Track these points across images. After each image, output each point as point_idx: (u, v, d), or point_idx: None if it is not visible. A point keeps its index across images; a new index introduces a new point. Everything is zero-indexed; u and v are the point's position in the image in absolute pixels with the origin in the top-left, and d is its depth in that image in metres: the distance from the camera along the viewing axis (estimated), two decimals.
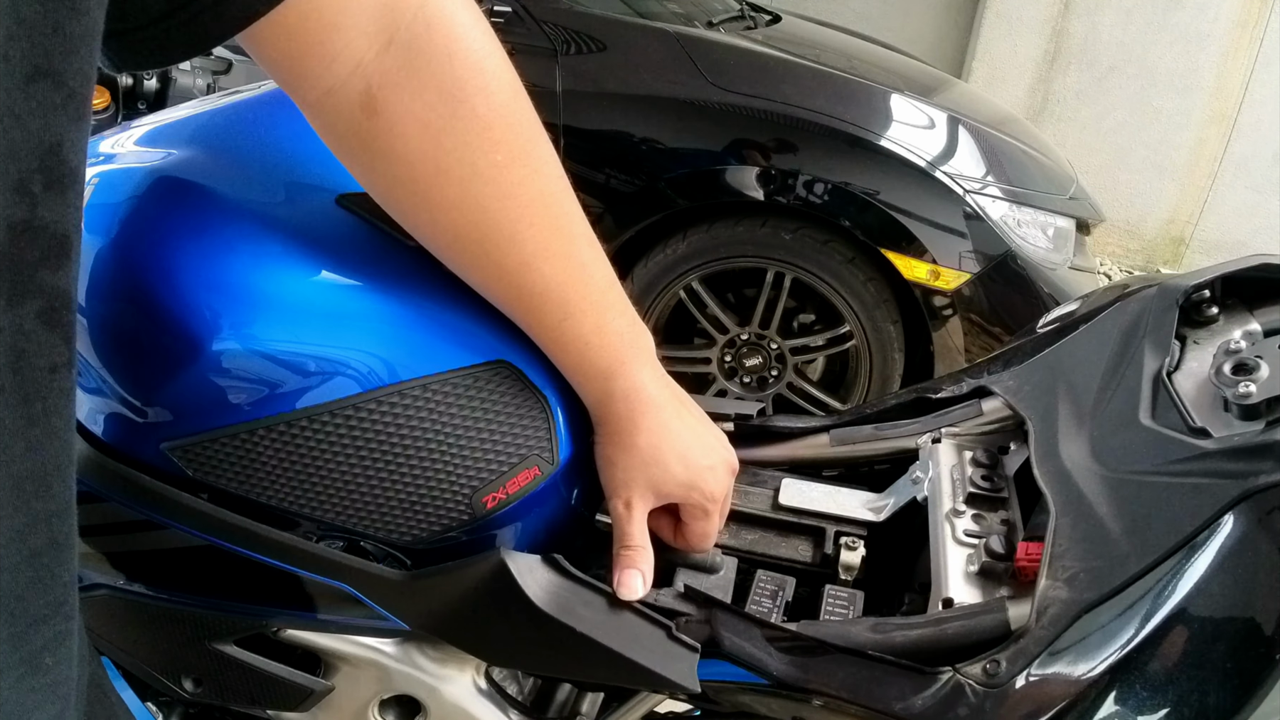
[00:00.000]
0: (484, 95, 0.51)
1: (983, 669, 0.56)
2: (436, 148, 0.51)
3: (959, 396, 0.81)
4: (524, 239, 0.54)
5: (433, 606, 0.63)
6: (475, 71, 0.51)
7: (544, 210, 0.55)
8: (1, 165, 0.33)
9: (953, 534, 0.68)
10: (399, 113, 0.50)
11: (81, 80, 0.35)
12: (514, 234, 0.54)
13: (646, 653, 0.61)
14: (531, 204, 0.54)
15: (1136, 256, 4.79)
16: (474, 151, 0.51)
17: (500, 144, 0.52)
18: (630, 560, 0.64)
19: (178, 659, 0.69)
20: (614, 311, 0.60)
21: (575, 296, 0.58)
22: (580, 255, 0.57)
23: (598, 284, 0.59)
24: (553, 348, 0.60)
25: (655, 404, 0.62)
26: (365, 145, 0.51)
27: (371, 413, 0.59)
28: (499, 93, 0.52)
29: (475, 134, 0.51)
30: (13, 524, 0.36)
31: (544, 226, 0.55)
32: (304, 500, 0.60)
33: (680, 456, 0.64)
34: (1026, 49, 4.69)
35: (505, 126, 0.52)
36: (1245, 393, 0.58)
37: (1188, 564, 0.52)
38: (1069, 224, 2.40)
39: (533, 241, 0.55)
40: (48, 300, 0.35)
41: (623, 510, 0.64)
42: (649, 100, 2.27)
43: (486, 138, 0.51)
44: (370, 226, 0.59)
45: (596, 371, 0.61)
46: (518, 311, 0.59)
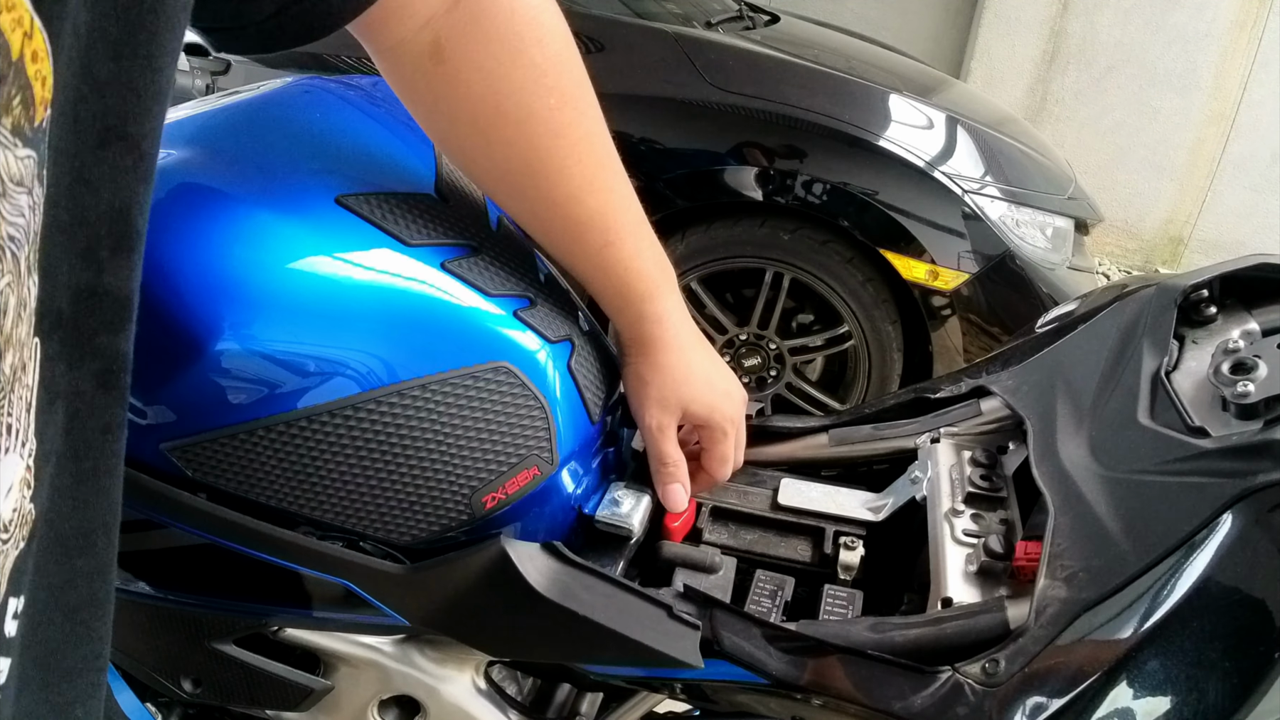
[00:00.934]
0: (540, 46, 0.56)
1: (982, 668, 0.56)
2: (496, 92, 0.56)
3: (958, 396, 0.81)
4: (572, 173, 0.60)
5: (433, 600, 0.63)
6: (533, 25, 0.56)
7: (590, 148, 0.60)
8: (70, 231, 0.32)
9: (951, 533, 0.68)
10: (464, 60, 0.55)
11: (152, 141, 0.34)
12: (562, 168, 0.59)
13: (649, 632, 0.61)
14: (579, 143, 0.60)
15: (1135, 256, 4.79)
16: (530, 95, 0.57)
17: (553, 89, 0.57)
18: (671, 476, 0.71)
19: (177, 659, 0.69)
20: (647, 241, 0.66)
21: (615, 225, 0.63)
22: (620, 189, 0.63)
23: (634, 215, 0.64)
24: (595, 273, 0.65)
25: (684, 329, 0.69)
26: (431, 88, 0.57)
27: (371, 413, 0.59)
28: (553, 43, 0.57)
29: (532, 80, 0.56)
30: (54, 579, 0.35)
31: (590, 163, 0.61)
32: (303, 501, 0.60)
33: (704, 378, 0.70)
34: (1025, 49, 4.70)
35: (558, 74, 0.58)
36: (1243, 392, 0.58)
37: (1186, 563, 0.52)
38: (1067, 224, 2.40)
39: (580, 176, 0.60)
40: (105, 363, 0.35)
41: (656, 430, 0.70)
42: (647, 101, 2.27)
43: (542, 83, 0.57)
44: (370, 227, 0.59)
45: (635, 294, 0.66)
46: (563, 240, 0.63)
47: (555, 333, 0.66)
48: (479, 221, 0.65)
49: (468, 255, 0.62)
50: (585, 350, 0.69)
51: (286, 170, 0.60)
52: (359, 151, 0.63)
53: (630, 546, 0.72)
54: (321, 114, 0.66)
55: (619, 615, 0.62)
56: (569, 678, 0.78)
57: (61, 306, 0.32)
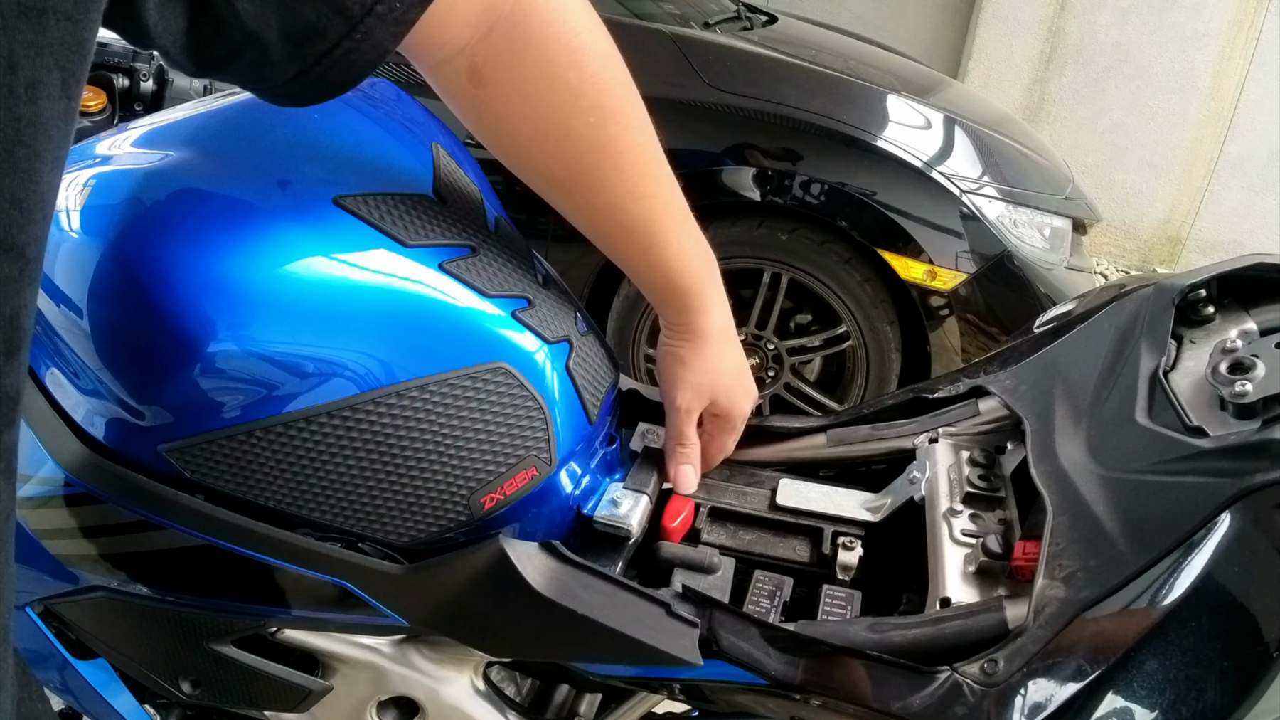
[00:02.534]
0: (576, 69, 0.57)
1: (980, 668, 0.56)
2: (534, 113, 0.58)
3: (956, 396, 0.81)
4: (613, 184, 0.62)
5: (431, 599, 0.63)
6: (568, 50, 0.57)
7: (633, 160, 0.62)
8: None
9: (950, 534, 0.68)
10: (501, 85, 0.57)
11: (37, 247, 0.35)
12: (604, 180, 0.62)
13: (648, 630, 0.61)
14: (622, 155, 0.62)
15: (1133, 256, 4.80)
16: (568, 116, 0.58)
17: (592, 109, 0.59)
18: (687, 456, 0.75)
19: (175, 660, 0.69)
20: (692, 239, 0.68)
21: (658, 229, 0.65)
22: (664, 194, 0.65)
23: (678, 216, 0.67)
24: (641, 272, 0.68)
25: (725, 322, 0.74)
26: (474, 107, 0.59)
27: (369, 414, 0.59)
28: (590, 64, 0.58)
29: (569, 102, 0.58)
30: None
31: (632, 173, 0.63)
32: (301, 502, 0.60)
33: (733, 372, 0.75)
34: (1022, 49, 4.70)
35: (597, 93, 0.59)
36: (1241, 391, 0.59)
37: (1184, 563, 0.52)
38: (1065, 224, 2.40)
39: (621, 185, 0.62)
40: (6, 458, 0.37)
41: (685, 412, 0.74)
42: (645, 101, 2.26)
43: (579, 105, 0.58)
44: (367, 227, 0.59)
45: (680, 290, 0.70)
46: (605, 243, 0.66)
47: (553, 333, 0.66)
48: (477, 222, 0.65)
49: (466, 256, 0.62)
50: (583, 350, 0.69)
51: (284, 171, 0.60)
52: (357, 152, 0.63)
53: (629, 547, 0.72)
54: (319, 115, 0.66)
55: (618, 613, 0.62)
56: (567, 678, 0.77)
57: None
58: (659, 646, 0.61)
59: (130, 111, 0.99)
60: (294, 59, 0.47)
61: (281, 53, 0.46)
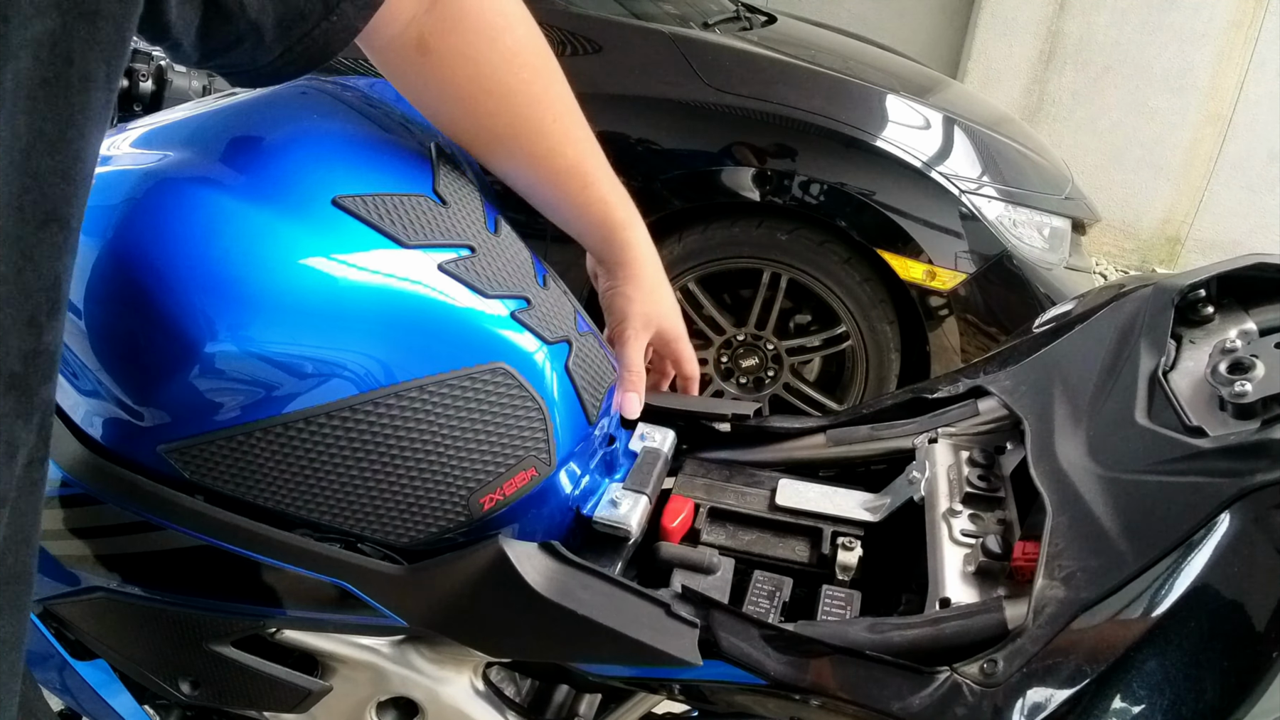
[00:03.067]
0: (510, 31, 0.66)
1: (980, 668, 0.56)
2: (478, 73, 0.65)
3: (955, 396, 0.81)
4: (549, 131, 0.70)
5: (431, 600, 0.63)
6: (500, 15, 0.65)
7: (562, 109, 0.70)
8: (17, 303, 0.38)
9: (949, 534, 0.68)
10: (446, 50, 0.63)
11: (79, 219, 0.41)
12: (540, 128, 0.69)
13: (647, 630, 0.61)
14: (552, 105, 0.70)
15: (1132, 256, 4.80)
16: (506, 72, 0.66)
17: (525, 65, 0.67)
18: (633, 384, 0.78)
19: (175, 661, 0.69)
20: (613, 180, 0.76)
21: (590, 168, 0.73)
22: (588, 139, 0.73)
23: (601, 159, 0.74)
24: (578, 211, 0.75)
25: (655, 256, 0.80)
26: (420, 75, 0.65)
27: (368, 414, 0.59)
28: (519, 27, 0.67)
29: (506, 60, 0.66)
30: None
31: (564, 120, 0.71)
32: (301, 502, 0.60)
33: (670, 298, 0.82)
34: (1022, 49, 4.70)
35: (528, 53, 0.67)
36: (1241, 391, 0.59)
37: (1184, 563, 0.52)
38: (1065, 224, 2.40)
39: (556, 133, 0.70)
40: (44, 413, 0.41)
41: (633, 340, 0.78)
42: (645, 101, 2.27)
43: (515, 62, 0.67)
44: (367, 228, 0.59)
45: (616, 223, 0.76)
46: (547, 188, 0.73)
47: (553, 333, 0.66)
48: (477, 223, 0.65)
49: (465, 256, 0.62)
50: (583, 351, 0.69)
51: (283, 171, 0.60)
52: (356, 152, 0.63)
53: (628, 547, 0.72)
54: (318, 115, 0.66)
55: (617, 614, 0.62)
56: (567, 679, 0.77)
57: (15, 368, 0.38)
58: (658, 647, 0.61)
59: (129, 112, 0.98)
60: (281, 41, 0.53)
61: (273, 37, 0.52)
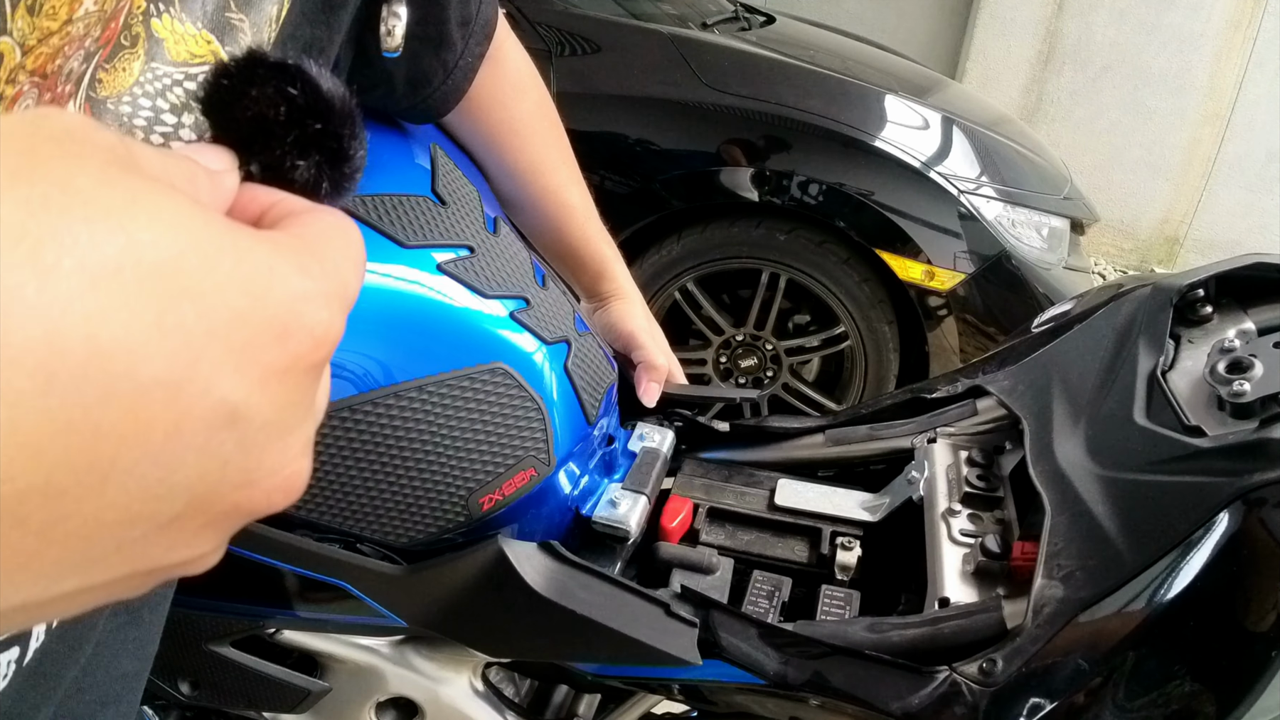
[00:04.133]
0: (536, 87, 0.80)
1: (979, 668, 0.56)
2: (509, 115, 0.77)
3: (954, 396, 0.81)
4: (560, 171, 0.82)
5: (430, 600, 0.63)
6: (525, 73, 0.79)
7: (568, 156, 0.83)
8: None
9: (948, 533, 0.68)
10: (485, 97, 0.73)
11: None
12: (555, 167, 0.81)
13: (646, 630, 0.61)
14: (562, 152, 0.83)
15: (1131, 256, 4.80)
16: (531, 119, 0.79)
17: (544, 116, 0.81)
18: (657, 376, 0.85)
19: (174, 661, 0.69)
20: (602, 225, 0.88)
21: (587, 211, 0.85)
22: (585, 188, 0.85)
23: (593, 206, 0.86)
24: (582, 245, 0.85)
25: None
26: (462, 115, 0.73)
27: (368, 415, 0.59)
28: (538, 84, 0.81)
29: (530, 109, 0.78)
30: None
31: (569, 164, 0.83)
32: (299, 503, 0.60)
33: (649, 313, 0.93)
34: (1020, 49, 4.70)
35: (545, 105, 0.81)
36: (1239, 391, 0.59)
37: (1183, 562, 0.52)
38: (1063, 224, 2.40)
39: (565, 173, 0.82)
40: None
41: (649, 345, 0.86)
42: (643, 102, 2.27)
43: (537, 111, 0.80)
44: (366, 228, 0.59)
45: (610, 259, 0.87)
46: (555, 221, 0.83)
47: (552, 334, 0.66)
48: (476, 223, 0.65)
49: (464, 256, 0.62)
50: (582, 351, 0.69)
51: None
52: None
53: (627, 547, 0.72)
54: None
55: (616, 613, 0.62)
56: (566, 679, 0.78)
57: None
58: (658, 646, 0.61)
59: None
60: (408, 97, 0.63)
61: (402, 91, 0.62)
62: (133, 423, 0.19)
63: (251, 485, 0.22)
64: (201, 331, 0.19)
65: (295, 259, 0.22)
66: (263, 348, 0.21)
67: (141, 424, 0.19)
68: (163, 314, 0.19)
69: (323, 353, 0.23)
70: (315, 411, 0.25)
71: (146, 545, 0.21)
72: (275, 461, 0.23)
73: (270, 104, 0.28)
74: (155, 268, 0.19)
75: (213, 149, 0.28)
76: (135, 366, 0.18)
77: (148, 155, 0.22)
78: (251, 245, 0.21)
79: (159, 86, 0.35)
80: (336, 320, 0.23)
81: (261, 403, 0.21)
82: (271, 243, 0.22)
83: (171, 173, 0.23)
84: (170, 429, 0.19)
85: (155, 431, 0.19)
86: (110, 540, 0.20)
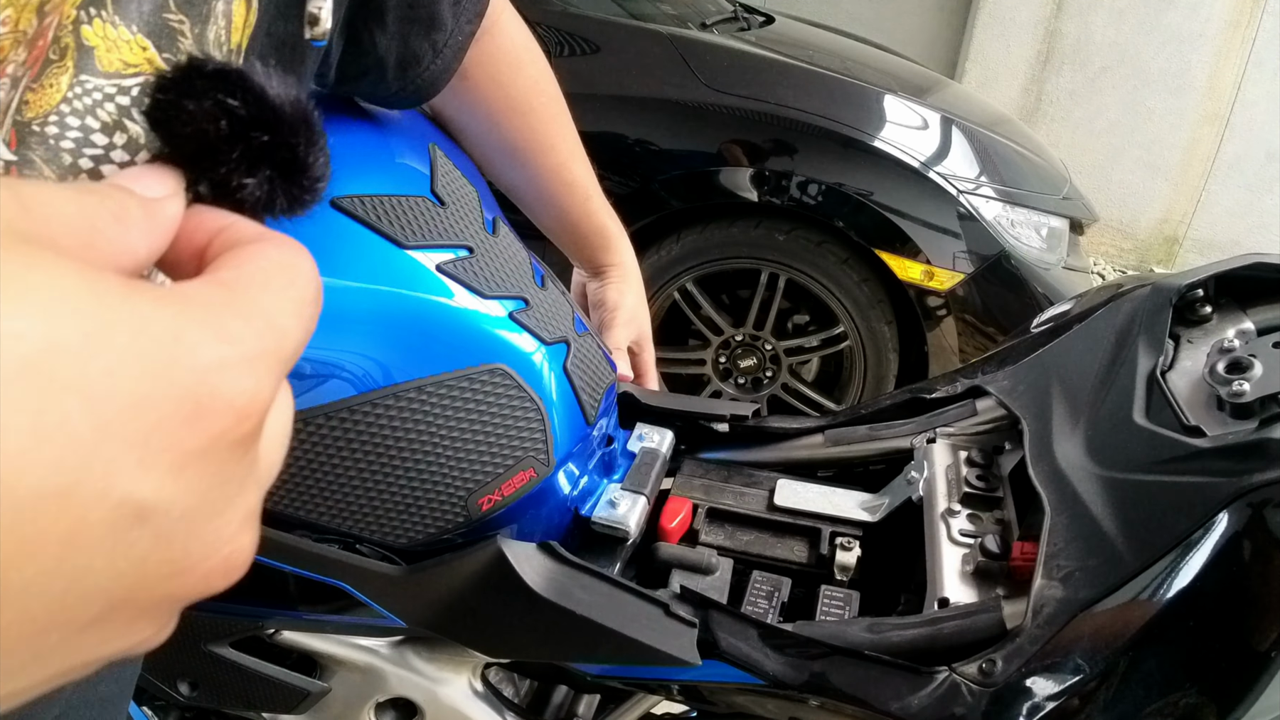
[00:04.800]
0: (533, 63, 0.78)
1: (979, 668, 0.56)
2: (506, 95, 0.75)
3: (953, 396, 0.81)
4: (559, 148, 0.80)
5: (430, 601, 0.63)
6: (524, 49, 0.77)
7: (568, 130, 0.82)
8: None
9: (948, 534, 0.68)
10: (483, 76, 0.73)
11: None
12: (554, 145, 0.80)
13: (646, 630, 0.61)
14: (562, 126, 0.81)
15: (1130, 256, 4.80)
16: (529, 95, 0.77)
17: (543, 92, 0.79)
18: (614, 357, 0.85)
19: (172, 662, 0.69)
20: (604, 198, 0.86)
21: (590, 185, 0.83)
22: (587, 161, 0.83)
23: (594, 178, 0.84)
24: (582, 220, 0.84)
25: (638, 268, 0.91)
26: (456, 96, 0.73)
27: (366, 415, 0.58)
28: (538, 59, 0.79)
29: (529, 86, 0.77)
30: None
31: (569, 140, 0.81)
32: (298, 504, 0.60)
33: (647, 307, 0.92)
34: (1019, 49, 4.70)
35: (544, 80, 0.79)
36: (1239, 391, 0.59)
37: (1183, 562, 0.52)
38: (1063, 224, 2.40)
39: (564, 150, 0.81)
40: None
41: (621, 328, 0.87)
42: (642, 102, 2.27)
43: (536, 87, 0.78)
44: (365, 229, 0.59)
45: (611, 233, 0.87)
46: (556, 199, 0.82)
47: (551, 334, 0.66)
48: (475, 223, 0.65)
49: (463, 257, 0.62)
50: (581, 351, 0.69)
51: None
52: (354, 153, 0.63)
53: (627, 548, 0.72)
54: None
55: (616, 614, 0.62)
56: (566, 679, 0.77)
57: None
58: (657, 647, 0.61)
59: None
60: (399, 79, 0.61)
61: (393, 75, 0.60)
62: (18, 540, 0.17)
63: (182, 574, 0.20)
64: (90, 427, 0.17)
65: (211, 320, 0.20)
66: (171, 432, 0.19)
67: (29, 539, 0.17)
68: (40, 414, 0.17)
69: (249, 425, 0.20)
70: (257, 479, 0.22)
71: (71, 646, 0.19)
72: (206, 547, 0.20)
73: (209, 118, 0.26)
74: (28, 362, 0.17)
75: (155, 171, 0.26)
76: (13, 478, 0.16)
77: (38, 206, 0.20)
78: (152, 313, 0.19)
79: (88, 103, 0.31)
80: (265, 385, 0.21)
81: (177, 492, 0.19)
82: (180, 304, 0.20)
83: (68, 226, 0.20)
84: (65, 539, 0.17)
85: (48, 544, 0.17)
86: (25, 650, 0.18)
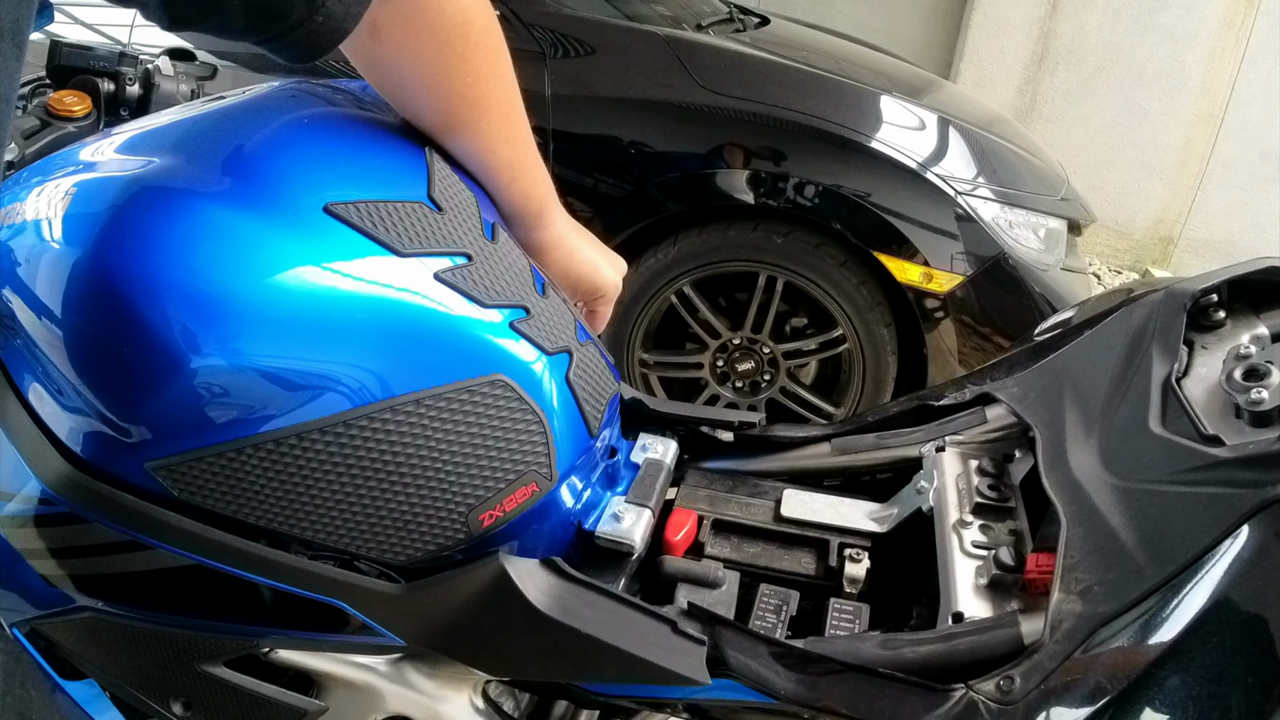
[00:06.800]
0: (463, 39, 0.66)
1: (996, 685, 0.54)
2: (422, 71, 0.67)
3: (962, 404, 0.80)
4: (484, 130, 0.72)
5: (430, 619, 0.62)
6: (456, 22, 0.65)
7: (499, 111, 0.72)
8: None
9: (960, 545, 0.66)
10: (396, 44, 0.65)
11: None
12: (476, 128, 0.71)
13: (653, 648, 0.60)
14: (491, 107, 0.72)
15: (1125, 256, 4.80)
16: (449, 76, 0.67)
17: (470, 71, 0.68)
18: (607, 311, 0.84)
19: (166, 681, 0.67)
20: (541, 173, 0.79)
21: (519, 165, 0.76)
22: (522, 136, 0.75)
23: (532, 153, 0.77)
24: (502, 198, 0.76)
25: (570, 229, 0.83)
26: (369, 58, 0.66)
27: (363, 430, 0.57)
28: (472, 34, 0.67)
29: (453, 64, 0.67)
30: None
31: (498, 121, 0.73)
32: (294, 521, 0.58)
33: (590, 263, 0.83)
34: (1014, 50, 4.70)
35: (477, 59, 0.68)
36: (1257, 399, 0.57)
37: (1205, 576, 0.51)
38: (1061, 225, 2.39)
39: (489, 132, 0.72)
40: None
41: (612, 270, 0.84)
42: (638, 104, 2.26)
43: (460, 67, 0.68)
44: (360, 236, 0.57)
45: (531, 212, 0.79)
46: (478, 176, 0.74)
47: (553, 344, 0.64)
48: (474, 230, 0.64)
49: (462, 264, 0.61)
50: (583, 361, 0.67)
51: (273, 178, 0.58)
52: (348, 158, 0.62)
53: (631, 562, 0.71)
54: (309, 119, 0.64)
55: (622, 632, 0.60)
56: (567, 695, 0.76)
57: None
58: (666, 666, 0.59)
59: (116, 116, 0.97)
60: (254, 31, 0.54)
61: (243, 23, 0.53)
62: None
63: None
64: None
65: None
66: None
67: None
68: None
69: None
70: None
71: None
72: None
73: None
74: None
75: None
76: None
77: None
78: None
79: None
80: None
81: None
82: None
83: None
84: None
85: None
86: None
